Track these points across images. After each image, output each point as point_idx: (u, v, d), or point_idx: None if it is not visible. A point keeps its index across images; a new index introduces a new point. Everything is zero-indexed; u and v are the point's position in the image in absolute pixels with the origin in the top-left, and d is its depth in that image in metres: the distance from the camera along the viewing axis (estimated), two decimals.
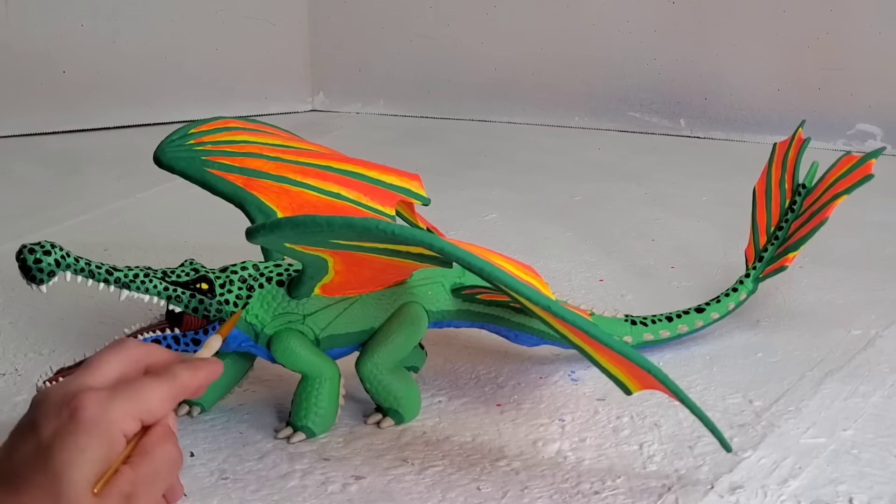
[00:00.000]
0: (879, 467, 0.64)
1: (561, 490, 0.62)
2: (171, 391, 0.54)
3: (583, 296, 0.92)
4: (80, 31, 1.59)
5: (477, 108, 1.67)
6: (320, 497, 0.61)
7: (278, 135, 0.81)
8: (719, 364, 0.78)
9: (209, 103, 1.63)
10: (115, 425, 0.50)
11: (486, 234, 1.11)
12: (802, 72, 1.47)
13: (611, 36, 1.57)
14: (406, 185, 0.75)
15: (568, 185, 1.29)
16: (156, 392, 0.53)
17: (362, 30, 1.71)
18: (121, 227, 1.15)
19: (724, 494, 0.61)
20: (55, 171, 1.40)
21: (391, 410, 0.70)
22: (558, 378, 0.76)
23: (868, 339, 0.82)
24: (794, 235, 0.82)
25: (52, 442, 0.49)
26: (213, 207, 0.81)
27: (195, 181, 0.74)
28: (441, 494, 0.61)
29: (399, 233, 0.54)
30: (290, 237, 0.57)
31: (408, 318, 0.69)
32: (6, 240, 1.03)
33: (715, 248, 1.04)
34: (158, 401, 0.53)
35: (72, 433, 0.49)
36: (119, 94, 1.63)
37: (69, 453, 0.49)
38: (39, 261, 0.58)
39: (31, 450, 0.50)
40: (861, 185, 0.80)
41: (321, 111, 1.75)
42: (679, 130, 1.55)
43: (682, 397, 0.59)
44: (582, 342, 0.60)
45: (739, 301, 0.83)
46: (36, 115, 1.58)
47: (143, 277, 0.63)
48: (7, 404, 0.73)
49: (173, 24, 1.64)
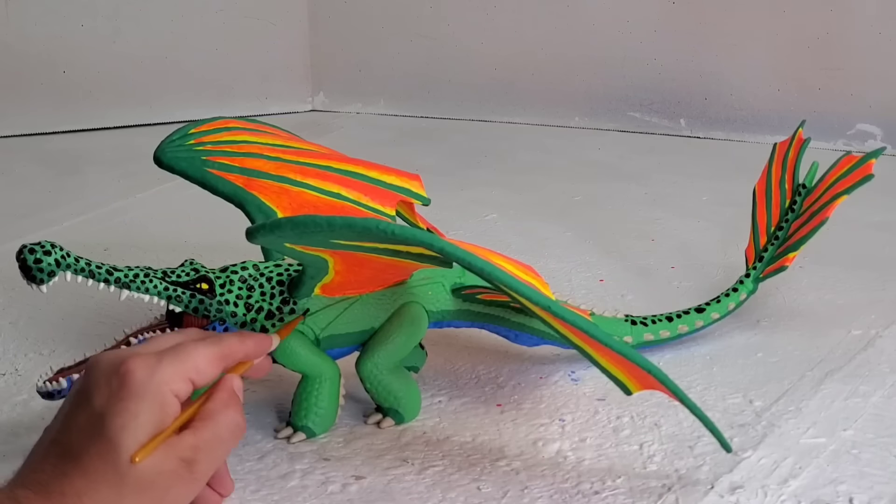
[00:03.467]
0: (879, 467, 0.64)
1: (561, 490, 0.62)
2: (217, 352, 0.55)
3: (583, 296, 0.92)
4: (80, 31, 1.59)
5: (477, 108, 1.66)
6: (320, 497, 0.61)
7: (278, 135, 0.81)
8: (719, 364, 0.78)
9: (209, 103, 1.63)
10: (164, 386, 0.51)
11: (486, 234, 1.11)
12: (802, 72, 1.47)
13: (611, 36, 1.57)
14: (406, 185, 0.75)
15: (568, 185, 1.29)
16: (201, 352, 0.54)
17: (362, 30, 1.71)
18: (121, 227, 1.15)
19: (724, 494, 0.61)
20: (55, 171, 1.40)
21: (391, 410, 0.70)
22: (558, 378, 0.76)
23: (868, 339, 0.82)
24: (795, 235, 0.82)
25: (105, 409, 0.50)
26: (213, 207, 0.81)
27: (195, 181, 0.73)
28: (441, 494, 0.61)
29: (399, 233, 0.54)
30: (290, 237, 0.57)
31: (408, 318, 0.69)
32: (6, 240, 1.03)
33: (715, 248, 1.04)
34: (205, 360, 0.54)
35: (123, 399, 0.50)
36: (119, 94, 1.62)
37: (122, 419, 0.50)
38: (39, 261, 0.58)
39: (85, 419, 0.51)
40: (861, 185, 0.80)
41: (321, 111, 1.75)
42: (679, 130, 1.55)
43: (682, 397, 0.59)
44: (582, 342, 0.60)
45: (739, 301, 0.83)
46: (36, 115, 1.58)
47: (143, 277, 0.63)
48: (7, 404, 0.73)
49: (173, 24, 1.64)
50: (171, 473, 0.50)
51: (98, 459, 0.49)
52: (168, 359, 0.52)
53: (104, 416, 0.50)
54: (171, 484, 0.51)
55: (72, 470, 0.49)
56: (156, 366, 0.52)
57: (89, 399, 0.51)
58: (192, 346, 0.54)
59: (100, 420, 0.50)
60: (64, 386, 0.63)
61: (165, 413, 0.51)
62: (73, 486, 0.49)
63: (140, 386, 0.51)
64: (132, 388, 0.50)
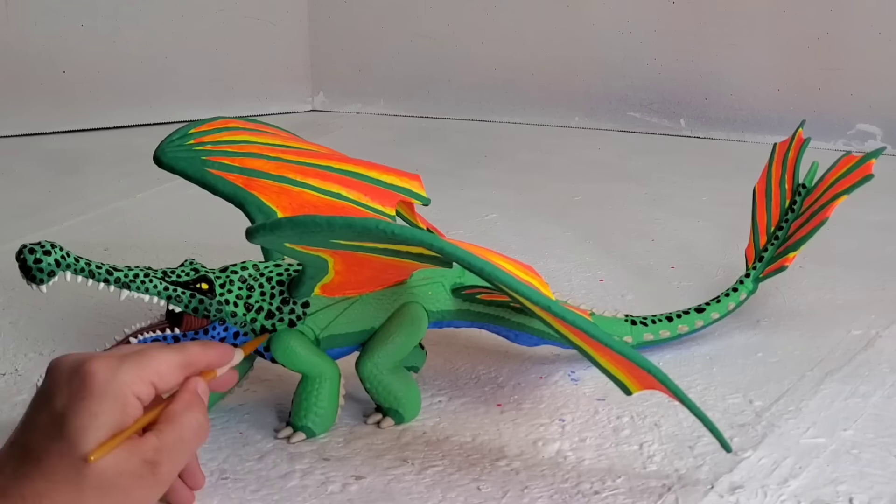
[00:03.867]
0: (879, 467, 0.64)
1: (561, 490, 0.62)
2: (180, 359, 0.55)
3: (583, 296, 0.92)
4: (80, 31, 1.59)
5: (477, 108, 1.67)
6: (320, 497, 0.61)
7: (278, 135, 0.81)
8: (719, 364, 0.78)
9: (209, 103, 1.63)
10: (126, 387, 0.51)
11: (486, 234, 1.11)
12: (802, 72, 1.47)
13: (611, 36, 1.57)
14: (406, 185, 0.75)
15: (568, 185, 1.29)
16: (164, 357, 0.54)
17: (362, 30, 1.71)
18: (121, 227, 1.15)
19: (724, 494, 0.61)
20: (55, 171, 1.40)
21: (391, 410, 0.70)
22: (558, 378, 0.76)
23: (868, 339, 0.82)
24: (795, 235, 0.82)
25: (65, 409, 0.50)
26: (213, 207, 0.81)
27: (195, 181, 0.74)
28: (441, 494, 0.61)
29: (399, 233, 0.54)
30: (290, 237, 0.57)
31: (408, 318, 0.69)
32: (6, 240, 1.03)
33: (715, 248, 1.04)
34: (167, 365, 0.54)
35: (84, 399, 0.50)
36: (119, 94, 1.62)
37: (82, 419, 0.50)
38: (39, 261, 0.58)
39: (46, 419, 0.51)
40: (861, 185, 0.80)
41: (321, 111, 1.75)
42: (679, 130, 1.55)
43: (682, 397, 0.59)
44: (582, 342, 0.60)
45: (739, 301, 0.83)
46: (36, 115, 1.58)
47: (143, 277, 0.63)
48: (7, 404, 0.73)
49: (173, 24, 1.64)
50: (133, 475, 0.50)
51: (58, 459, 0.49)
52: (130, 361, 0.52)
53: (65, 416, 0.50)
54: (133, 485, 0.50)
55: (32, 471, 0.49)
56: (117, 367, 0.51)
57: (50, 400, 0.51)
58: (155, 351, 0.54)
59: (60, 420, 0.50)
60: None
61: (126, 414, 0.51)
62: (34, 489, 0.48)
63: (101, 386, 0.50)
64: (93, 389, 0.50)
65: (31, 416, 0.51)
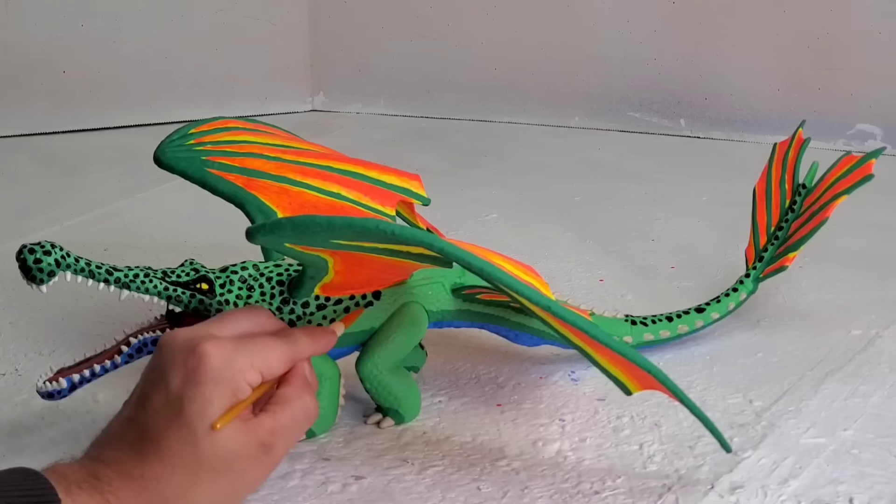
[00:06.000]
0: (879, 467, 0.64)
1: (561, 490, 0.62)
2: (289, 352, 0.57)
3: (583, 296, 0.92)
4: (80, 31, 1.59)
5: (477, 108, 1.66)
6: (320, 497, 0.61)
7: (278, 135, 0.80)
8: (719, 364, 0.78)
9: (209, 103, 1.63)
10: (239, 375, 0.53)
11: (486, 234, 1.11)
12: (802, 72, 1.47)
13: (611, 36, 1.57)
14: (406, 185, 0.75)
15: (568, 185, 1.29)
16: (275, 350, 0.56)
17: (362, 30, 1.71)
18: (121, 227, 1.15)
19: (724, 494, 0.61)
20: (55, 171, 1.40)
21: (391, 410, 0.70)
22: (558, 378, 0.76)
23: (868, 339, 0.82)
24: (795, 235, 0.82)
25: (181, 392, 0.51)
26: (213, 207, 0.81)
27: (195, 181, 0.73)
28: (441, 494, 0.61)
29: (399, 233, 0.54)
30: (290, 237, 0.57)
31: (408, 318, 0.69)
32: (6, 240, 1.03)
33: (715, 248, 1.04)
34: (277, 359, 0.56)
35: (200, 384, 0.51)
36: (119, 94, 1.62)
37: (198, 405, 0.51)
38: (39, 261, 0.58)
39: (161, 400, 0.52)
40: (861, 185, 0.80)
41: (321, 111, 1.75)
42: (679, 130, 1.55)
43: (682, 397, 0.59)
44: (582, 342, 0.60)
45: (739, 301, 0.83)
46: (36, 115, 1.58)
47: (143, 277, 0.63)
48: (7, 404, 0.73)
49: (173, 24, 1.64)
50: (248, 457, 0.52)
51: (177, 444, 0.50)
52: (245, 349, 0.53)
53: (181, 399, 0.51)
54: (247, 467, 0.52)
55: (150, 452, 0.50)
56: (232, 354, 0.53)
57: (164, 378, 0.52)
58: (268, 343, 0.55)
59: (177, 403, 0.51)
60: (64, 386, 0.63)
61: (238, 400, 0.52)
62: (153, 471, 0.50)
63: (216, 372, 0.51)
64: (209, 373, 0.51)
65: (147, 392, 0.52)
